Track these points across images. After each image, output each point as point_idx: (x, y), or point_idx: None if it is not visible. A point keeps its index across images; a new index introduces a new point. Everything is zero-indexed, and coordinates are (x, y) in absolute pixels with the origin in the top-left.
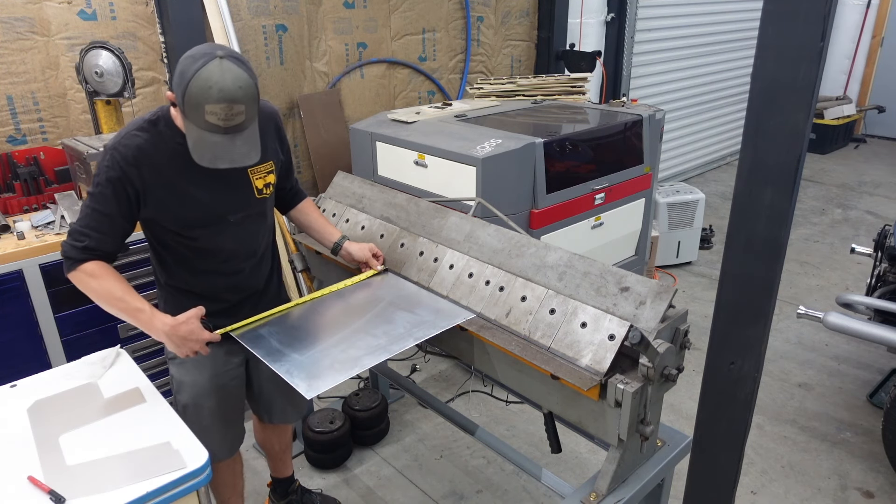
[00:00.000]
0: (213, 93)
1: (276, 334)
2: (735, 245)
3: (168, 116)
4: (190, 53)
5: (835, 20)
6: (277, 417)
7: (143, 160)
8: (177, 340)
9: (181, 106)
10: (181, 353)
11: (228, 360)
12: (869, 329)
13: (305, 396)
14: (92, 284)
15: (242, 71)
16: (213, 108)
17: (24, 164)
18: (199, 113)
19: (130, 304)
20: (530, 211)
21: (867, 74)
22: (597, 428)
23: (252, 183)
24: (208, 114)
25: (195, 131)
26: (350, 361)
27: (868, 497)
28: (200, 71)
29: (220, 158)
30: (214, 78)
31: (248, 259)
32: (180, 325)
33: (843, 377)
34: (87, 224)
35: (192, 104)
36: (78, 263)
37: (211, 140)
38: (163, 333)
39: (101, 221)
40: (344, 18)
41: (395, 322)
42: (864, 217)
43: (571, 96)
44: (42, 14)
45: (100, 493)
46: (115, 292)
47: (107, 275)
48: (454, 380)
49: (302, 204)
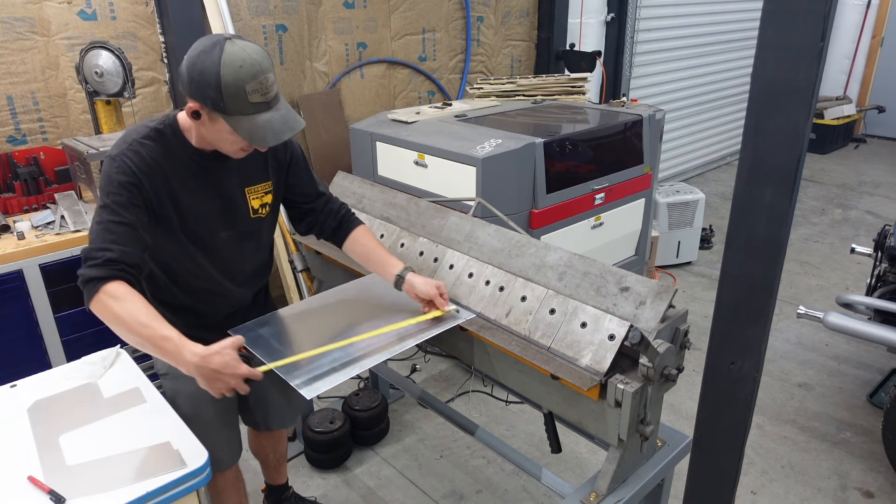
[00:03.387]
0: (246, 70)
1: (275, 335)
2: (735, 245)
3: (175, 125)
4: (196, 52)
5: (835, 20)
6: (275, 423)
7: (156, 169)
8: (208, 374)
9: (218, 103)
10: (213, 390)
11: None
12: (869, 329)
13: (305, 397)
14: (116, 309)
15: (252, 43)
16: (253, 85)
17: (24, 164)
18: (241, 98)
19: (157, 331)
20: (530, 211)
21: (867, 74)
22: (597, 428)
23: (248, 202)
24: (250, 94)
25: (244, 121)
26: (350, 362)
27: (868, 497)
28: (223, 57)
29: (280, 132)
30: (240, 56)
31: (238, 277)
32: (213, 355)
33: (843, 377)
34: (104, 239)
35: (231, 92)
36: (100, 284)
37: (263, 119)
38: (192, 366)
39: (120, 233)
40: (344, 18)
41: (392, 321)
42: (864, 217)
43: (571, 96)
44: (42, 14)
45: (100, 493)
46: (141, 317)
47: (131, 297)
48: (454, 380)
49: (356, 232)
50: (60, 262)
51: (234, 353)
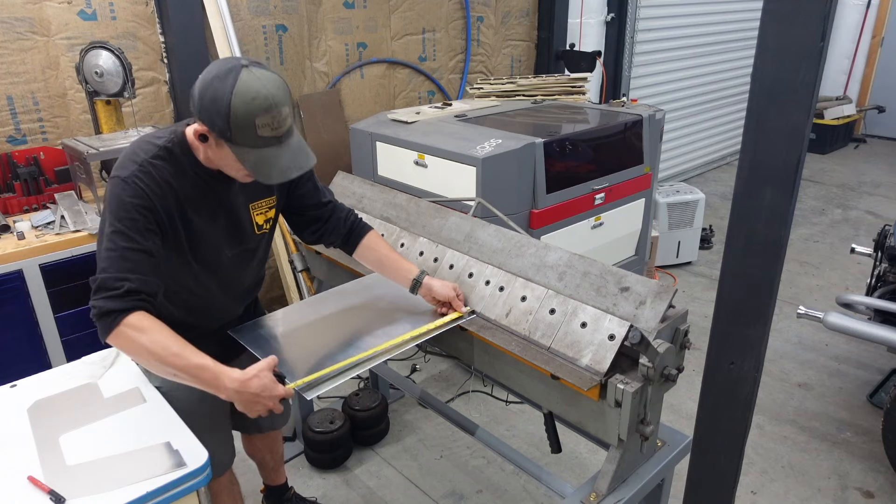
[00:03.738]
0: (259, 104)
1: (275, 335)
2: (735, 245)
3: (183, 142)
4: (211, 75)
5: (835, 20)
6: (266, 425)
7: (167, 191)
8: (248, 398)
9: (225, 133)
10: (251, 412)
11: None
12: (869, 329)
13: (306, 397)
14: (142, 341)
15: (271, 72)
16: (264, 119)
17: (24, 164)
18: (250, 131)
19: (191, 360)
20: (530, 211)
21: (867, 74)
22: (597, 428)
23: (252, 218)
24: (260, 128)
25: (251, 153)
26: (350, 364)
27: (868, 497)
28: (237, 87)
29: (287, 169)
30: (255, 88)
31: (237, 293)
32: (251, 379)
33: (843, 377)
34: (122, 267)
35: (240, 124)
36: (120, 316)
37: (270, 154)
38: (232, 392)
39: (137, 261)
40: (344, 18)
41: (395, 322)
42: (864, 217)
43: (571, 96)
44: (42, 14)
45: (100, 493)
46: (172, 347)
47: (157, 327)
48: (454, 380)
49: (368, 238)
50: (60, 262)
51: (270, 375)
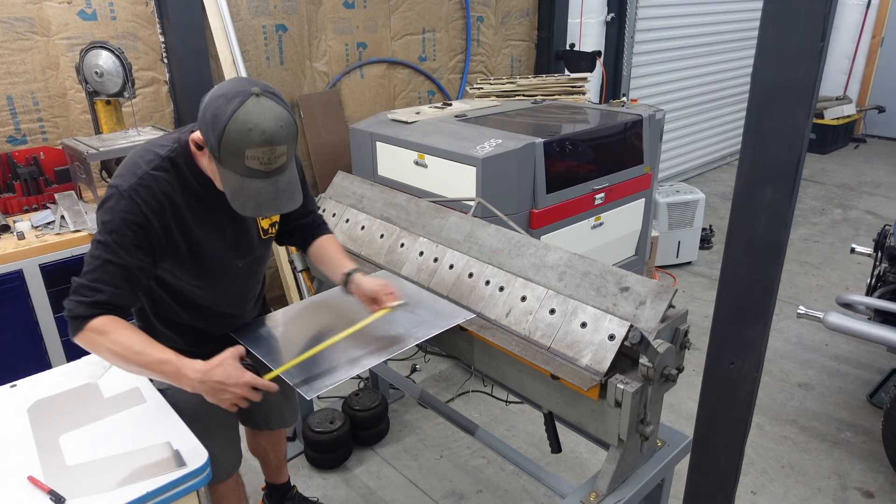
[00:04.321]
0: (254, 136)
1: (275, 335)
2: (735, 245)
3: (187, 151)
4: (221, 92)
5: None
6: (275, 422)
7: (167, 205)
8: (214, 387)
9: (215, 152)
10: (224, 402)
11: None
12: (869, 329)
13: (305, 397)
14: (104, 343)
15: (282, 108)
16: (255, 152)
17: (24, 164)
18: (238, 158)
19: (153, 356)
20: (530, 211)
21: (867, 74)
22: (597, 428)
23: (259, 224)
24: (249, 159)
25: (233, 179)
26: (350, 362)
27: (868, 497)
28: (237, 113)
29: (264, 206)
30: (255, 119)
31: (247, 300)
32: (214, 368)
33: (843, 377)
34: (99, 278)
35: (229, 150)
36: (86, 321)
37: (253, 187)
38: (196, 383)
39: (115, 274)
40: (344, 18)
41: (394, 322)
42: (864, 217)
43: (571, 96)
44: (42, 14)
45: (100, 493)
46: (133, 345)
47: (118, 327)
48: (454, 380)
49: (323, 238)
50: (60, 262)
51: (235, 363)
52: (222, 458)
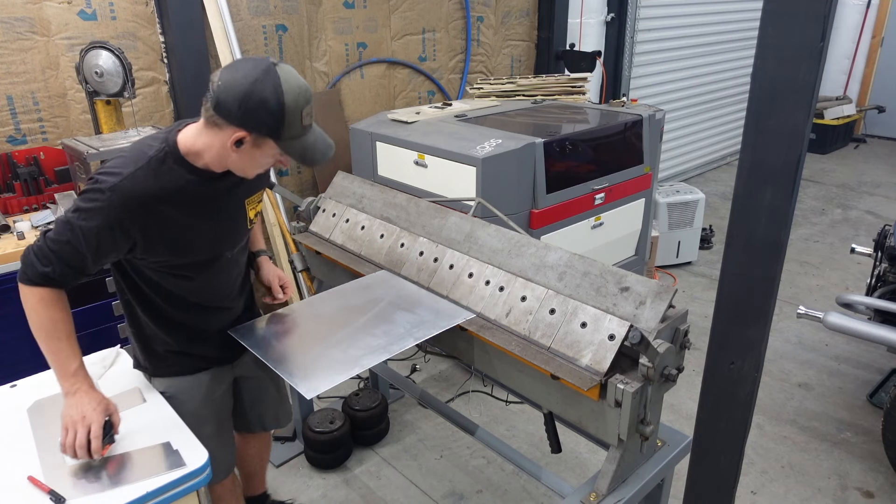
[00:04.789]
0: (303, 95)
1: (275, 334)
2: (735, 245)
3: (176, 152)
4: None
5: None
6: (270, 422)
7: (150, 206)
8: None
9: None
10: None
11: (216, 386)
12: (869, 329)
13: (306, 396)
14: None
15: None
16: (308, 108)
17: (24, 164)
18: (297, 123)
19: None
20: (530, 211)
21: (867, 74)
22: (597, 428)
23: (247, 213)
24: (305, 117)
25: (296, 145)
26: (350, 361)
27: (868, 497)
28: (281, 86)
29: (325, 152)
30: (295, 82)
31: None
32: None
33: (843, 377)
34: (59, 251)
35: (291, 120)
36: (33, 284)
37: (310, 140)
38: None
39: (73, 257)
40: (344, 18)
41: (395, 322)
42: (864, 217)
43: (571, 96)
44: (42, 14)
45: (100, 493)
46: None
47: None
48: (454, 380)
49: None
50: None
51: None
52: (221, 458)
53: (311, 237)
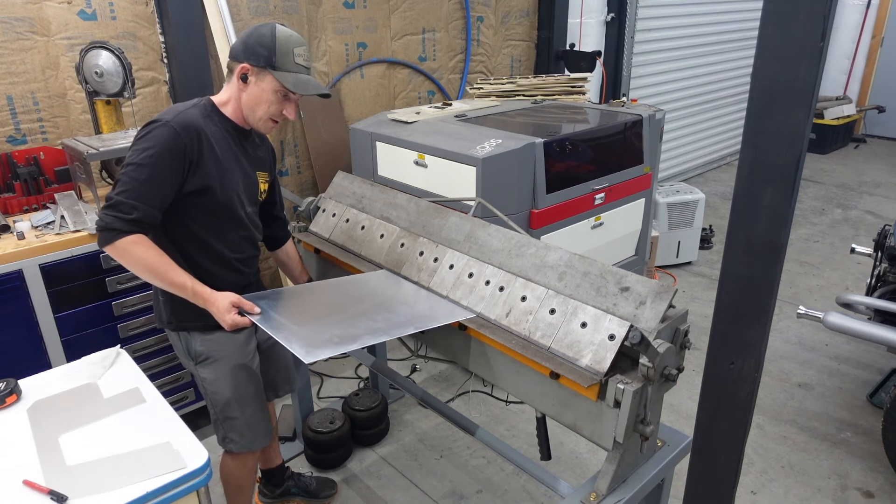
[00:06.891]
0: (295, 39)
1: (276, 307)
2: (735, 245)
3: (210, 104)
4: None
5: (835, 20)
6: (283, 387)
7: (202, 132)
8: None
9: (271, 60)
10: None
11: (248, 343)
12: (869, 329)
13: (304, 361)
14: (138, 255)
15: None
16: (299, 50)
17: (24, 164)
18: (290, 57)
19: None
20: (530, 211)
21: (867, 74)
22: (592, 431)
23: (259, 183)
24: (297, 56)
25: (290, 76)
26: (349, 337)
27: (868, 497)
28: (276, 29)
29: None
30: (288, 31)
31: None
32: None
33: (843, 377)
34: (137, 196)
35: (283, 52)
36: (122, 235)
37: (304, 78)
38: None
39: (151, 195)
40: (344, 18)
41: (395, 312)
42: (864, 217)
43: (571, 96)
44: (42, 14)
45: (100, 493)
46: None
47: (149, 246)
48: (454, 380)
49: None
50: (60, 262)
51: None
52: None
53: (311, 237)
